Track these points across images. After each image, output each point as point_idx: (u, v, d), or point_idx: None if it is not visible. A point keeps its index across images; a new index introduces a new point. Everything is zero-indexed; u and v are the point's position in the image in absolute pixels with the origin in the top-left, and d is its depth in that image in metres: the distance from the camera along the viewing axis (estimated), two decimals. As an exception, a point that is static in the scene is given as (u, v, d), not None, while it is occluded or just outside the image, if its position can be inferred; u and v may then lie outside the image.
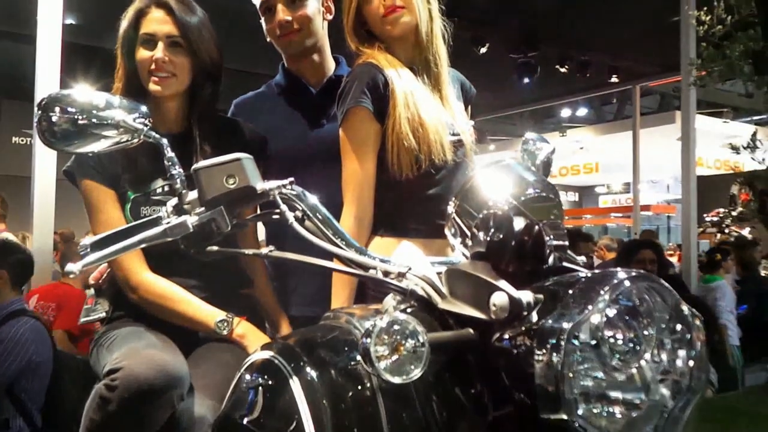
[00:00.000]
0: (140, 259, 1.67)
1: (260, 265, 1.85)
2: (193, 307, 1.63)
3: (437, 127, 1.66)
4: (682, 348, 0.97)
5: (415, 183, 1.68)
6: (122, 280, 1.68)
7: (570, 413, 0.87)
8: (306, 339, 1.22)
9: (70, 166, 1.72)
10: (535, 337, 0.91)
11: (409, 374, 0.93)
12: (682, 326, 0.96)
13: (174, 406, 1.39)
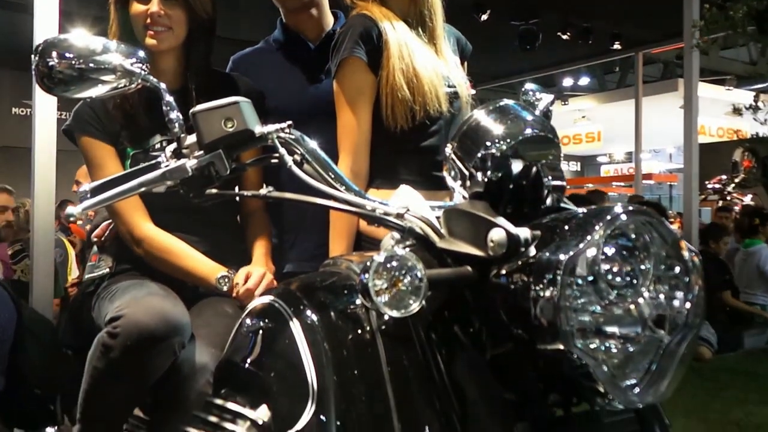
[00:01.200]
0: (143, 214, 1.68)
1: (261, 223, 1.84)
2: (196, 261, 1.64)
3: (432, 78, 1.64)
4: (680, 284, 0.97)
5: (410, 135, 1.67)
6: (126, 235, 1.69)
7: (567, 344, 0.88)
8: (306, 283, 1.23)
9: (69, 125, 1.72)
10: (532, 272, 0.92)
11: (407, 308, 0.94)
12: (680, 263, 0.97)
13: (175, 353, 1.40)
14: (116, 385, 1.40)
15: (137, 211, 1.68)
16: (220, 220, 1.79)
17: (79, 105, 1.73)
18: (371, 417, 1.06)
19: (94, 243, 1.90)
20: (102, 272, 1.79)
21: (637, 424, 1.04)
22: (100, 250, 1.85)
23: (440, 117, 1.68)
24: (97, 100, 1.72)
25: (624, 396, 0.93)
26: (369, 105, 1.68)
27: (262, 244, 1.76)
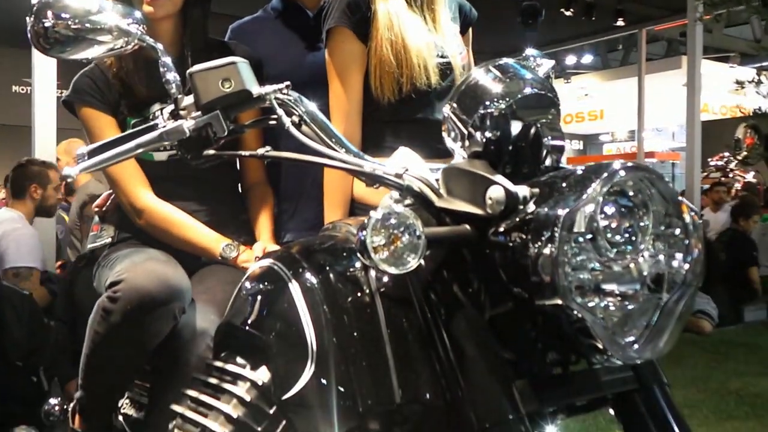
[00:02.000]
0: (144, 184, 1.68)
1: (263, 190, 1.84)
2: (197, 231, 1.64)
3: (421, 50, 1.61)
4: (680, 245, 0.97)
5: (398, 106, 1.65)
6: (127, 206, 1.68)
7: (565, 299, 0.88)
8: (305, 247, 1.23)
9: (68, 96, 1.72)
10: (531, 228, 0.91)
11: (405, 265, 0.94)
12: (680, 223, 0.97)
13: (176, 318, 1.41)
14: (117, 349, 1.41)
15: (137, 182, 1.67)
16: (221, 190, 1.79)
17: (78, 76, 1.72)
18: (370, 377, 1.06)
19: (96, 213, 1.91)
20: (104, 242, 1.79)
21: (636, 383, 1.05)
22: (101, 220, 1.85)
23: (429, 90, 1.64)
24: (96, 71, 1.71)
25: (623, 352, 0.93)
26: (359, 74, 1.66)
27: (266, 218, 1.76)
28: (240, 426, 1.12)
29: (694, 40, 5.96)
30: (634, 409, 1.05)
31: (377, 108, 1.67)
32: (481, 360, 0.96)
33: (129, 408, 1.72)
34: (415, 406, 1.06)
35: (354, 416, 1.06)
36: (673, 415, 1.04)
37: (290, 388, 1.08)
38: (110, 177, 1.70)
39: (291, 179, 1.91)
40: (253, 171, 1.83)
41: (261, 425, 1.12)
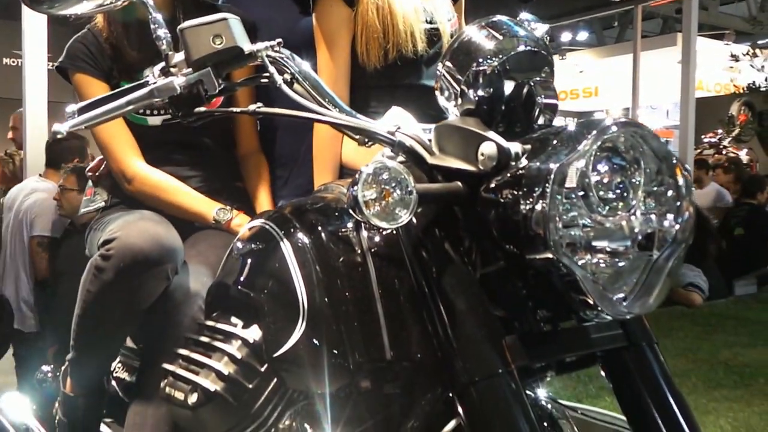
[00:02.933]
0: (134, 151, 1.67)
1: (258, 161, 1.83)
2: (190, 197, 1.64)
3: (408, 15, 1.59)
4: (671, 203, 0.97)
5: (385, 73, 1.63)
6: (117, 173, 1.67)
7: (556, 253, 0.88)
8: (297, 207, 1.23)
9: (61, 62, 1.70)
10: (522, 183, 0.91)
11: (396, 220, 0.93)
12: (671, 179, 0.97)
13: (168, 278, 1.40)
14: (109, 309, 1.41)
15: (128, 149, 1.66)
16: (215, 156, 1.78)
17: (71, 42, 1.71)
18: (361, 334, 1.06)
19: (89, 178, 1.90)
20: (97, 206, 1.79)
21: (625, 340, 1.05)
22: (94, 185, 1.85)
23: (416, 56, 1.62)
24: (89, 36, 1.70)
25: (613, 307, 0.93)
26: (347, 39, 1.64)
27: (263, 185, 1.76)
28: (231, 383, 1.13)
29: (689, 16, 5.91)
30: (623, 366, 1.06)
31: (364, 73, 1.65)
32: (471, 316, 0.97)
33: (121, 372, 1.73)
34: (405, 362, 1.06)
35: (345, 373, 1.07)
36: (661, 372, 1.05)
37: (281, 345, 1.09)
38: (100, 143, 1.69)
39: (284, 147, 1.89)
40: (247, 139, 1.82)
41: (252, 382, 1.13)
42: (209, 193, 1.67)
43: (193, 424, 1.17)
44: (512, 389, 0.92)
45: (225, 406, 1.12)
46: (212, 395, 1.12)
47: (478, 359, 0.93)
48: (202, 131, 1.74)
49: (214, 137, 1.77)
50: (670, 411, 1.02)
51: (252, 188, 1.76)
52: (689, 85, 6.03)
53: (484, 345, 0.94)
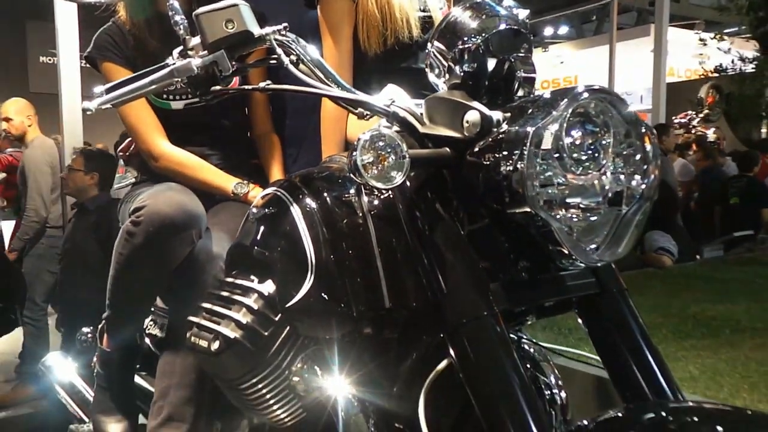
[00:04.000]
0: (159, 132, 1.68)
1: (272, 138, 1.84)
2: (212, 173, 1.65)
3: (403, 5, 1.60)
4: (638, 163, 0.98)
5: (384, 58, 1.64)
6: (144, 152, 1.69)
7: (533, 207, 0.89)
8: (305, 175, 1.24)
9: (89, 52, 1.71)
10: (502, 147, 0.92)
11: (391, 181, 0.94)
12: (638, 141, 0.98)
13: (193, 242, 1.42)
14: (139, 269, 1.42)
15: (153, 130, 1.68)
16: (232, 137, 1.79)
17: (98, 33, 1.71)
18: (363, 286, 1.08)
19: (120, 157, 1.91)
20: (129, 182, 1.80)
21: (597, 288, 1.07)
22: (125, 164, 1.86)
23: (412, 42, 1.63)
24: (113, 28, 1.71)
25: (586, 256, 0.95)
26: (349, 28, 1.64)
27: (277, 161, 1.77)
28: (249, 331, 1.15)
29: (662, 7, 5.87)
30: (596, 311, 1.07)
31: (365, 59, 1.66)
32: (459, 265, 0.98)
33: (153, 328, 1.75)
34: (402, 310, 1.08)
35: (349, 321, 1.08)
36: (632, 317, 1.06)
37: (293, 297, 1.11)
38: (128, 126, 1.70)
39: (294, 128, 1.91)
40: (261, 121, 1.83)
41: (268, 330, 1.15)
42: (228, 169, 1.69)
43: (216, 369, 1.19)
44: (496, 329, 0.93)
45: (244, 351, 1.15)
46: (232, 342, 1.14)
47: (466, 303, 0.94)
48: (220, 114, 1.75)
49: (231, 120, 1.79)
50: (640, 351, 1.03)
51: (266, 164, 1.78)
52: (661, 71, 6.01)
53: (470, 290, 0.95)
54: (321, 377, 1.14)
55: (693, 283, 3.49)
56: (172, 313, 1.55)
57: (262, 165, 1.79)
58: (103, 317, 1.61)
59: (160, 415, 1.41)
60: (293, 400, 1.17)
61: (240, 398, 1.23)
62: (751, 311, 2.89)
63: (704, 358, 2.26)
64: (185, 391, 1.42)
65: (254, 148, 1.83)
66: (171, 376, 1.43)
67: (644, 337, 1.03)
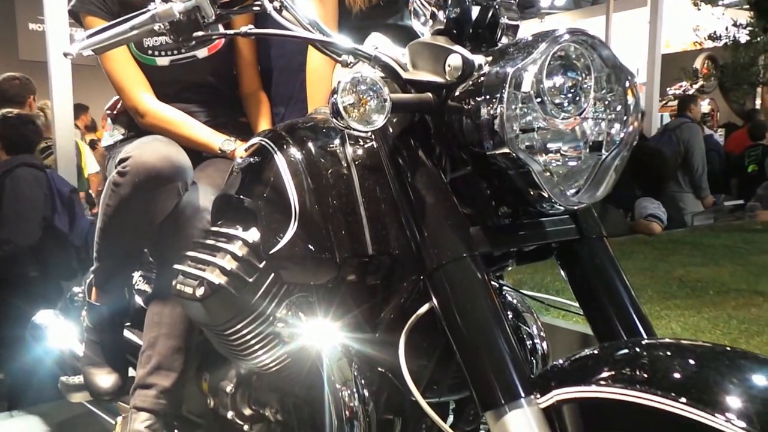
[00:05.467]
0: (145, 88, 1.67)
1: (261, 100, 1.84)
2: (199, 129, 1.65)
3: None
4: (620, 113, 0.99)
5: (369, 14, 1.63)
6: (131, 109, 1.68)
7: (512, 147, 0.90)
8: (290, 125, 1.24)
9: (73, 5, 1.69)
10: (483, 89, 0.92)
11: (373, 123, 0.95)
12: (619, 86, 0.98)
13: (179, 194, 1.42)
14: (126, 221, 1.43)
15: (139, 86, 1.66)
16: (219, 94, 1.78)
17: None
18: (346, 233, 1.09)
19: (108, 115, 1.90)
20: (117, 139, 1.80)
21: (577, 233, 1.08)
22: (113, 122, 1.86)
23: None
24: None
25: (565, 199, 0.96)
26: None
27: (265, 119, 1.76)
28: (234, 277, 1.16)
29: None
30: (575, 258, 1.09)
31: (350, 16, 1.65)
32: (440, 210, 0.98)
33: (142, 284, 1.77)
34: (384, 257, 1.09)
35: (332, 267, 1.10)
36: (610, 263, 1.08)
37: (277, 244, 1.12)
38: (114, 82, 1.69)
39: (280, 86, 1.90)
40: (249, 80, 1.82)
41: (252, 277, 1.16)
42: (215, 127, 1.68)
43: (201, 315, 1.21)
44: (476, 271, 0.94)
45: (229, 297, 1.16)
46: (217, 288, 1.16)
47: (446, 245, 0.95)
48: (207, 72, 1.75)
49: (218, 78, 1.78)
50: (617, 294, 1.05)
51: (254, 123, 1.77)
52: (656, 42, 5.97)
53: (450, 233, 0.96)
54: (305, 323, 1.16)
55: (680, 249, 3.52)
56: (159, 266, 1.56)
57: (250, 123, 1.78)
58: (90, 270, 1.62)
59: (149, 363, 1.43)
60: (278, 346, 1.18)
61: (226, 345, 1.25)
62: (735, 274, 2.93)
63: (687, 317, 2.30)
64: (174, 341, 1.43)
65: (242, 107, 1.82)
66: (159, 327, 1.44)
67: (621, 281, 1.05)
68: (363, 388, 1.10)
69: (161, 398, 1.42)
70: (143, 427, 1.37)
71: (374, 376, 1.13)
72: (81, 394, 1.74)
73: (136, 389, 1.44)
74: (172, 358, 1.43)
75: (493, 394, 0.86)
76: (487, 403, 0.86)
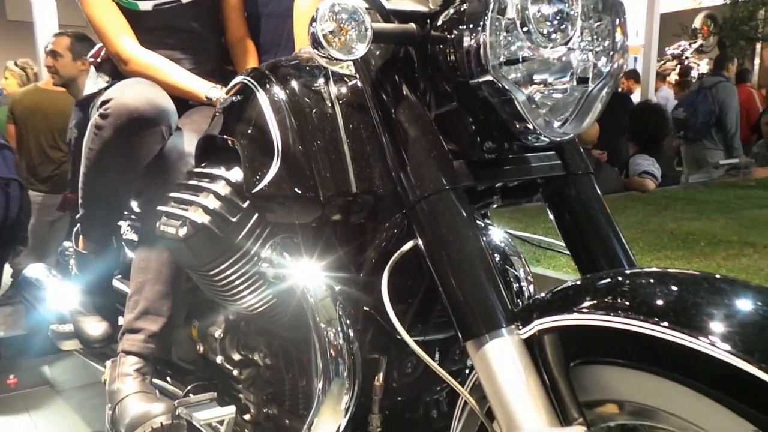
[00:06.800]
0: (128, 34, 1.63)
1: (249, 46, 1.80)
2: (185, 76, 1.61)
3: None
4: (607, 48, 0.96)
5: None
6: (113, 55, 1.64)
7: (496, 75, 0.88)
8: (273, 64, 1.21)
9: None
10: (465, 16, 0.90)
11: (354, 53, 0.92)
12: (608, 15, 0.95)
13: (163, 138, 1.40)
14: (110, 164, 1.41)
15: (122, 32, 1.62)
16: (205, 41, 1.74)
17: None
18: (329, 171, 1.08)
19: (92, 63, 1.87)
20: (100, 86, 1.77)
21: (563, 169, 1.07)
22: (96, 69, 1.82)
23: None
24: None
25: (551, 130, 0.94)
26: None
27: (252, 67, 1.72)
28: (217, 216, 1.15)
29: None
30: (561, 194, 1.08)
31: None
32: (424, 143, 0.96)
33: (130, 233, 1.76)
34: (368, 195, 1.08)
35: (316, 206, 1.08)
36: (594, 197, 1.07)
37: (259, 182, 1.10)
38: (96, 28, 1.65)
39: (268, 33, 1.86)
40: (236, 27, 1.78)
41: (235, 216, 1.15)
42: (201, 74, 1.65)
43: (185, 255, 1.20)
44: (458, 204, 0.92)
45: (212, 236, 1.15)
46: (200, 227, 1.15)
47: (428, 178, 0.94)
48: (192, 18, 1.70)
49: (203, 24, 1.74)
50: (600, 229, 1.04)
51: (241, 71, 1.73)
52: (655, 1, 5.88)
53: (433, 166, 0.94)
54: (290, 264, 1.15)
55: (673, 204, 3.52)
56: (144, 212, 1.54)
57: (237, 71, 1.75)
58: (77, 218, 1.61)
59: (136, 308, 1.43)
60: (263, 287, 1.18)
61: (212, 288, 1.25)
62: (727, 227, 2.93)
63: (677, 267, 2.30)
64: (160, 285, 1.43)
65: (228, 55, 1.79)
66: (146, 272, 1.44)
67: (606, 217, 1.04)
68: (348, 327, 1.10)
69: (149, 342, 1.42)
70: (132, 370, 1.38)
71: (359, 316, 1.13)
72: (71, 342, 1.74)
73: (124, 334, 1.44)
74: (159, 303, 1.43)
75: (474, 323, 0.85)
76: (468, 333, 0.86)
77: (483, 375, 0.83)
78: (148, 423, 1.24)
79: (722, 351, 0.65)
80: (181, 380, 1.54)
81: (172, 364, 1.62)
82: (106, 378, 1.40)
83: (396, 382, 1.19)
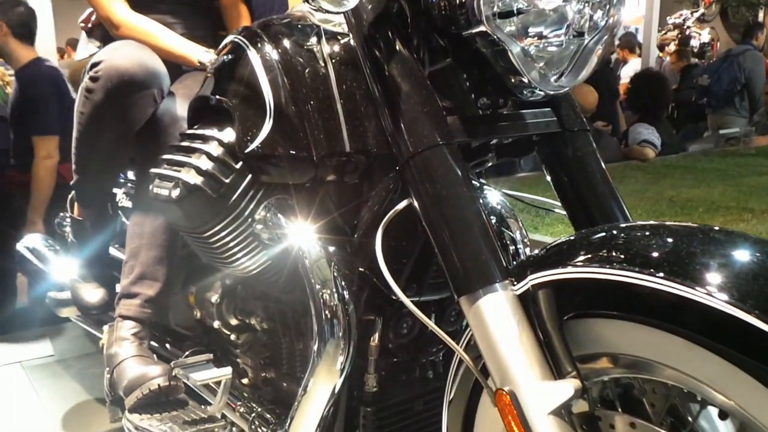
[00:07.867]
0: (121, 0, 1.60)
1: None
2: (177, 41, 1.58)
3: None
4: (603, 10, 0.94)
5: None
6: (104, 20, 1.61)
7: (489, 26, 0.86)
8: (265, 23, 1.18)
9: None
10: None
11: (345, 4, 0.90)
12: None
13: (155, 102, 1.38)
14: (102, 128, 1.39)
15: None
16: (196, 5, 1.72)
17: None
18: (323, 131, 1.06)
19: (82, 29, 1.84)
20: (91, 52, 1.74)
21: (559, 126, 1.05)
22: (88, 35, 1.79)
23: None
24: None
25: (546, 84, 0.93)
26: None
27: None
28: (210, 177, 1.13)
29: None
30: (557, 152, 1.06)
31: None
32: (417, 99, 0.94)
33: (125, 201, 1.75)
34: (362, 155, 1.06)
35: (309, 166, 1.07)
36: (590, 154, 1.05)
37: (252, 142, 1.08)
38: None
39: (260, -2, 1.84)
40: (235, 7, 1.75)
41: (228, 177, 1.14)
42: (193, 39, 1.62)
43: (179, 217, 1.19)
44: (452, 160, 0.91)
45: (205, 198, 1.13)
46: (193, 188, 1.13)
47: (421, 133, 0.92)
48: None
49: None
50: (596, 185, 1.03)
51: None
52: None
53: (426, 121, 0.92)
54: (284, 225, 1.14)
55: (673, 173, 3.50)
56: (138, 176, 1.53)
57: None
58: (71, 184, 1.59)
59: (132, 273, 1.42)
60: (258, 248, 1.17)
61: (207, 250, 1.24)
62: (726, 193, 2.92)
63: (673, 220, 2.29)
64: (156, 250, 1.42)
65: (221, 19, 1.76)
66: (141, 237, 1.43)
67: (601, 173, 1.03)
68: (343, 288, 1.09)
69: (146, 307, 1.41)
70: (129, 335, 1.37)
71: (354, 276, 1.12)
72: (69, 309, 1.74)
73: (121, 299, 1.44)
74: (155, 268, 1.42)
75: (468, 279, 0.84)
76: (462, 288, 0.85)
77: (477, 330, 0.83)
78: (146, 385, 1.24)
79: (718, 300, 0.64)
80: (179, 346, 1.54)
81: (169, 330, 1.62)
82: (104, 343, 1.40)
83: (392, 342, 1.19)
